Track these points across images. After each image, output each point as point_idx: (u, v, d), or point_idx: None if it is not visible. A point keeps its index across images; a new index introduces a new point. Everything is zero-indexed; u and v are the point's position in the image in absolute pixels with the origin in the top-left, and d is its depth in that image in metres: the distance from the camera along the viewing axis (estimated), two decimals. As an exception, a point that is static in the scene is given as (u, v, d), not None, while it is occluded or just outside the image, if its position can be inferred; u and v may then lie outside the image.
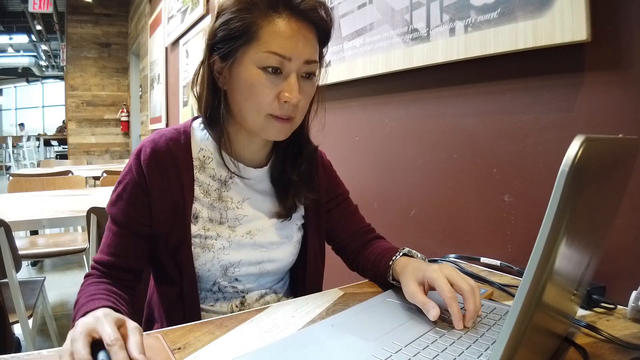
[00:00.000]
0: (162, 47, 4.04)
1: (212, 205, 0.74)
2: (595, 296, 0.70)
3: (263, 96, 0.65)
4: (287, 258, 0.80)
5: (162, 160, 0.71)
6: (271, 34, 0.64)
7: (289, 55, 0.64)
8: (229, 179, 0.76)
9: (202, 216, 0.73)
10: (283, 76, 0.66)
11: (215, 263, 0.73)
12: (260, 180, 0.79)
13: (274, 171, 0.80)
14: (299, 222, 0.83)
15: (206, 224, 0.73)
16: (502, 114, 0.94)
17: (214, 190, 0.74)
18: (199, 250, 0.72)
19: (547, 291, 0.33)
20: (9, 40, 12.45)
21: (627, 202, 0.68)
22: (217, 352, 0.55)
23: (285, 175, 0.78)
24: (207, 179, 0.74)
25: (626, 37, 0.73)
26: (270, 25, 0.64)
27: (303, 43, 0.65)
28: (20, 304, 1.34)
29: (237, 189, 0.76)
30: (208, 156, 0.75)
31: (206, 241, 0.73)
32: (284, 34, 0.64)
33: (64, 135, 8.95)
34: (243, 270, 0.75)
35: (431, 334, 0.57)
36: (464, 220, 1.04)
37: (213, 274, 0.74)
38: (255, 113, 0.67)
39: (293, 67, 0.65)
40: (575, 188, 0.31)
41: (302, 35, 0.65)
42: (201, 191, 0.74)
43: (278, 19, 0.64)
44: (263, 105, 0.66)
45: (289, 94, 0.65)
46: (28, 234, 2.67)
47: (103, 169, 3.06)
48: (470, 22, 0.96)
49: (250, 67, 0.65)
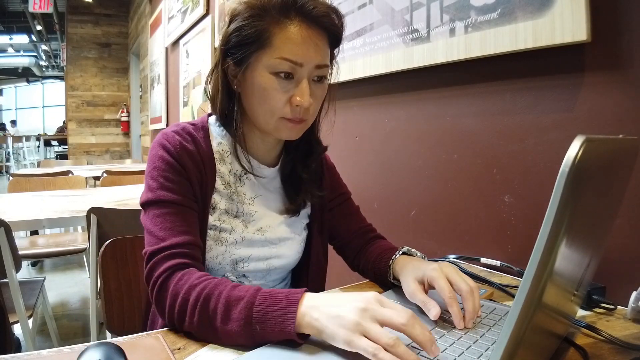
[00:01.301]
0: (162, 47, 4.04)
1: (230, 198, 0.75)
2: (595, 296, 0.70)
3: (275, 100, 0.67)
4: (293, 255, 0.81)
5: (188, 146, 0.71)
6: (283, 41, 0.64)
7: (301, 61, 0.65)
8: (244, 174, 0.77)
9: (220, 207, 0.74)
10: (295, 81, 0.67)
11: (227, 257, 0.74)
12: (272, 179, 0.80)
13: (284, 170, 0.81)
14: (304, 221, 0.84)
15: (222, 216, 0.74)
16: (502, 115, 0.94)
17: (233, 183, 0.76)
18: (212, 242, 0.73)
19: (547, 291, 0.33)
20: (9, 40, 12.46)
21: (627, 202, 0.69)
22: (217, 352, 0.55)
23: (295, 174, 0.80)
24: (227, 171, 0.76)
25: (626, 37, 0.73)
26: (282, 31, 0.65)
27: (314, 49, 0.66)
28: (20, 304, 1.34)
29: (250, 185, 0.77)
30: (226, 150, 0.76)
31: (220, 234, 0.73)
32: (295, 40, 0.64)
33: (64, 136, 8.95)
34: (252, 266, 0.76)
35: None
36: (464, 221, 1.04)
37: (223, 268, 0.75)
38: (269, 116, 0.68)
39: (304, 72, 0.66)
40: (576, 188, 0.31)
41: (313, 42, 0.66)
42: (222, 182, 0.75)
43: (290, 25, 0.65)
44: (276, 109, 0.67)
45: (300, 98, 0.66)
46: (28, 234, 2.67)
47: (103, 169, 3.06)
48: (471, 23, 0.96)
49: (263, 73, 0.66)
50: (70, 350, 0.54)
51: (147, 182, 0.69)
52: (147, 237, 0.66)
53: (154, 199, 0.67)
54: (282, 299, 0.54)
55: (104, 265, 1.00)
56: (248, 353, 0.53)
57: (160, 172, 0.68)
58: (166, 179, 0.68)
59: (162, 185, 0.68)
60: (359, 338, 0.48)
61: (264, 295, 0.55)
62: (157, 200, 0.67)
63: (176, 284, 0.60)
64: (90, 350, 0.46)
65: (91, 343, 0.48)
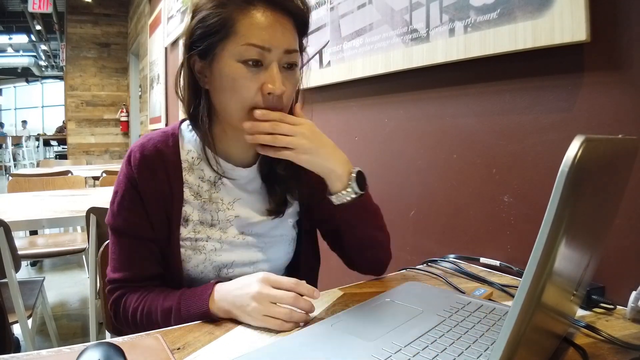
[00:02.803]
0: (161, 47, 4.04)
1: (202, 208, 0.74)
2: (595, 296, 0.70)
3: (246, 89, 0.65)
4: (282, 257, 0.80)
5: (151, 163, 0.71)
6: (248, 26, 0.63)
7: (268, 46, 0.64)
8: (218, 180, 0.75)
9: (193, 219, 0.73)
10: (264, 68, 0.65)
11: (208, 265, 0.73)
12: (251, 179, 0.78)
13: (262, 168, 0.79)
14: (292, 220, 0.82)
15: (196, 227, 0.73)
16: (502, 114, 0.94)
17: (204, 192, 0.74)
18: (190, 252, 0.72)
19: (546, 291, 0.33)
20: (9, 40, 12.46)
21: (627, 202, 0.68)
22: (216, 352, 0.55)
23: (274, 171, 0.78)
24: (196, 181, 0.74)
25: (626, 37, 0.73)
26: (246, 17, 0.63)
27: (281, 32, 0.65)
28: (19, 304, 1.34)
29: (227, 189, 0.75)
30: (196, 157, 0.74)
31: (197, 243, 0.72)
32: (260, 24, 0.63)
33: (63, 135, 8.95)
34: (237, 271, 0.75)
35: (431, 334, 0.57)
36: (463, 221, 1.04)
37: (206, 276, 0.74)
38: (240, 108, 0.66)
39: (273, 58, 0.65)
40: (575, 188, 0.31)
41: (279, 25, 0.65)
42: (191, 193, 0.73)
43: (254, 10, 0.64)
44: (246, 99, 0.65)
45: (272, 85, 0.64)
46: (27, 234, 2.67)
47: (102, 169, 3.06)
48: (470, 23, 0.96)
49: (230, 62, 0.65)
50: (69, 350, 0.54)
51: (111, 203, 0.74)
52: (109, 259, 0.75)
53: (112, 226, 0.73)
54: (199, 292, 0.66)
55: (104, 265, 1.00)
56: (248, 353, 0.53)
57: (121, 197, 0.72)
58: (122, 206, 0.72)
59: (119, 213, 0.72)
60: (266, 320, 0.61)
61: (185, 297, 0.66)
62: (114, 228, 0.73)
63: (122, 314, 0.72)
64: (89, 350, 0.46)
65: (90, 343, 0.48)
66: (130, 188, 0.71)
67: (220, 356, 0.54)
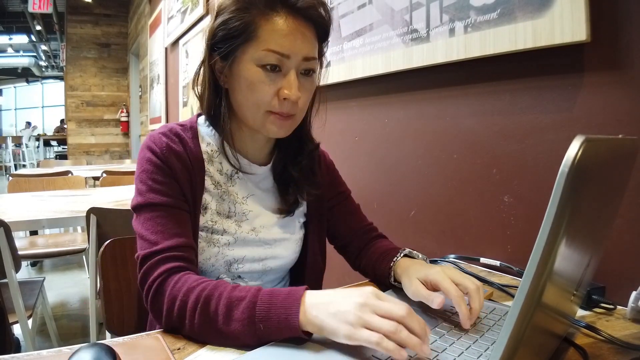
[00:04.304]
0: (161, 48, 4.04)
1: (221, 198, 0.74)
2: (595, 296, 0.70)
3: (263, 93, 0.66)
4: (289, 255, 0.81)
5: (176, 148, 0.71)
6: (269, 32, 0.64)
7: (287, 53, 0.65)
8: (235, 174, 0.76)
9: (211, 207, 0.73)
10: (282, 74, 0.67)
11: (220, 258, 0.73)
12: (264, 177, 0.79)
13: (276, 168, 0.80)
14: (301, 220, 0.84)
15: (214, 216, 0.73)
16: (502, 115, 0.94)
17: (223, 183, 0.75)
18: (204, 244, 0.72)
19: (547, 291, 0.33)
20: (9, 40, 12.45)
21: (627, 202, 0.69)
22: (216, 352, 0.55)
23: (287, 172, 0.79)
24: (215, 172, 0.75)
25: (626, 37, 0.73)
26: (268, 23, 0.64)
27: (301, 40, 0.66)
28: (19, 304, 1.34)
29: (242, 184, 0.77)
30: (215, 150, 0.76)
31: (212, 236, 0.73)
32: (282, 31, 0.64)
33: (63, 136, 8.95)
34: (247, 267, 0.76)
35: (431, 334, 0.57)
36: (463, 221, 1.04)
37: (217, 269, 0.74)
38: (256, 110, 0.68)
39: (292, 65, 0.66)
40: (575, 188, 0.31)
41: (300, 33, 0.65)
42: (212, 182, 0.74)
43: (276, 17, 0.65)
44: (262, 102, 0.67)
45: (288, 90, 0.66)
46: (28, 234, 2.67)
47: (103, 169, 3.05)
48: (470, 23, 0.96)
49: (249, 66, 0.66)
50: (69, 350, 0.54)
51: (137, 186, 0.69)
52: (140, 242, 0.66)
53: (144, 203, 0.67)
54: (284, 296, 0.55)
55: (104, 265, 1.00)
56: (248, 353, 0.53)
57: (148, 174, 0.68)
58: (155, 181, 0.68)
59: (151, 188, 0.67)
60: (361, 330, 0.48)
61: (266, 293, 0.56)
62: (147, 204, 0.66)
63: (173, 288, 0.59)
64: (80, 352, 0.45)
65: (82, 345, 0.47)
66: (160, 164, 0.68)
67: (220, 356, 0.54)
